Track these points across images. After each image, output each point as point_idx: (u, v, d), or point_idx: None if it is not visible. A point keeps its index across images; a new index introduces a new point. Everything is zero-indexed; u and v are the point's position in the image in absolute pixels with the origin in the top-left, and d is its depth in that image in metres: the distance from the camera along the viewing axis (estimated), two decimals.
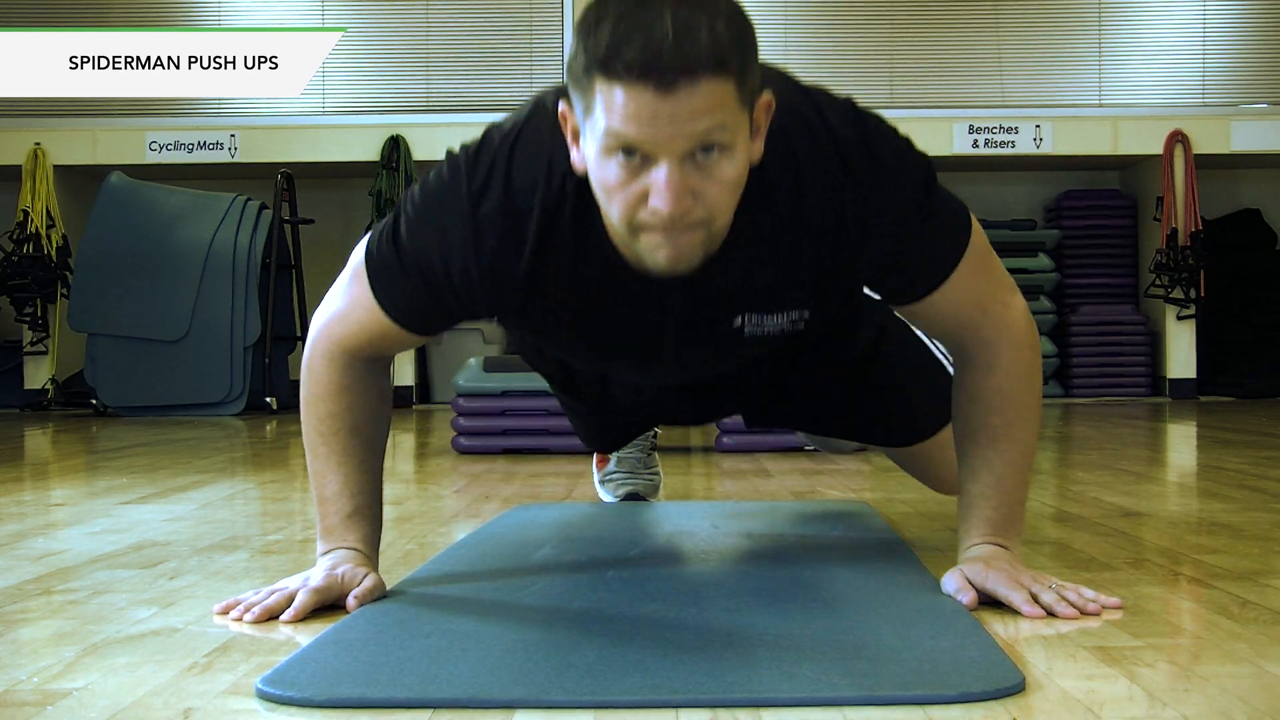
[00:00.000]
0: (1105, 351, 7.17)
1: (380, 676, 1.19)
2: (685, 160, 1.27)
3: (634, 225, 1.32)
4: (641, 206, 1.30)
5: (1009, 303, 1.56)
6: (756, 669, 1.20)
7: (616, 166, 1.29)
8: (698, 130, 1.25)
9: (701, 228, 1.32)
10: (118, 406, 6.17)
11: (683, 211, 1.29)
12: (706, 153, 1.28)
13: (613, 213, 1.34)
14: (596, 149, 1.30)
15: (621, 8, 1.26)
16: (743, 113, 1.30)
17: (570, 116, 1.35)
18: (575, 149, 1.36)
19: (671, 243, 1.32)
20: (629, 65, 1.23)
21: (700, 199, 1.30)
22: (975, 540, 1.56)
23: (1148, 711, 1.09)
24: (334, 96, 7.29)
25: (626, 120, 1.25)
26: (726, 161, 1.29)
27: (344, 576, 1.51)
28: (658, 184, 1.27)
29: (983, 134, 7.03)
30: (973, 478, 1.57)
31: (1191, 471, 3.52)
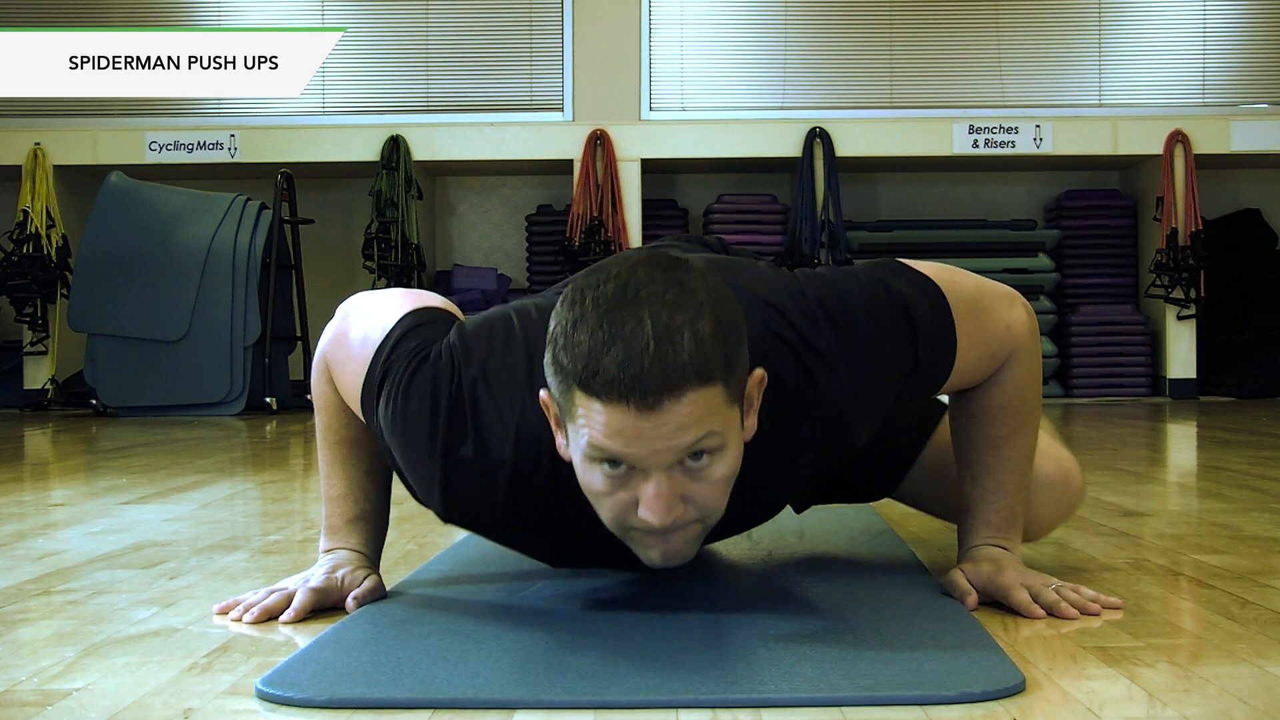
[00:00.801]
0: (1105, 351, 7.17)
1: (380, 676, 1.19)
2: (674, 468, 1.23)
3: (624, 528, 1.29)
4: (631, 513, 1.26)
5: (1010, 324, 1.52)
6: (756, 669, 1.20)
7: (601, 475, 1.24)
8: (684, 444, 1.20)
9: (696, 524, 1.29)
10: (118, 406, 6.17)
11: (673, 521, 1.25)
12: (696, 458, 1.23)
13: (601, 514, 1.29)
14: (580, 454, 1.25)
15: (599, 313, 1.19)
16: (733, 409, 1.24)
17: (552, 405, 1.28)
18: (559, 435, 1.30)
19: (665, 544, 1.29)
20: (608, 384, 1.17)
21: (692, 502, 1.26)
22: (976, 541, 1.56)
23: (1148, 711, 1.09)
24: (334, 96, 7.29)
25: (609, 437, 1.20)
26: (718, 463, 1.25)
27: (344, 578, 1.51)
28: (646, 496, 1.23)
29: (983, 134, 7.02)
30: (973, 482, 1.57)
31: (1191, 471, 3.52)
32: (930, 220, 7.36)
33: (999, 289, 1.54)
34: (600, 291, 1.21)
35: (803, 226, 7.02)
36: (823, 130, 7.03)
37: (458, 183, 7.77)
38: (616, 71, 7.19)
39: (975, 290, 1.50)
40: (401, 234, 6.92)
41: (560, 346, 1.22)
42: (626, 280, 1.21)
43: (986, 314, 1.50)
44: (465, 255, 7.71)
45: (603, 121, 7.07)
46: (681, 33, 7.31)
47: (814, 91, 7.28)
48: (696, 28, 7.32)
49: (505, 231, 7.71)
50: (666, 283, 1.21)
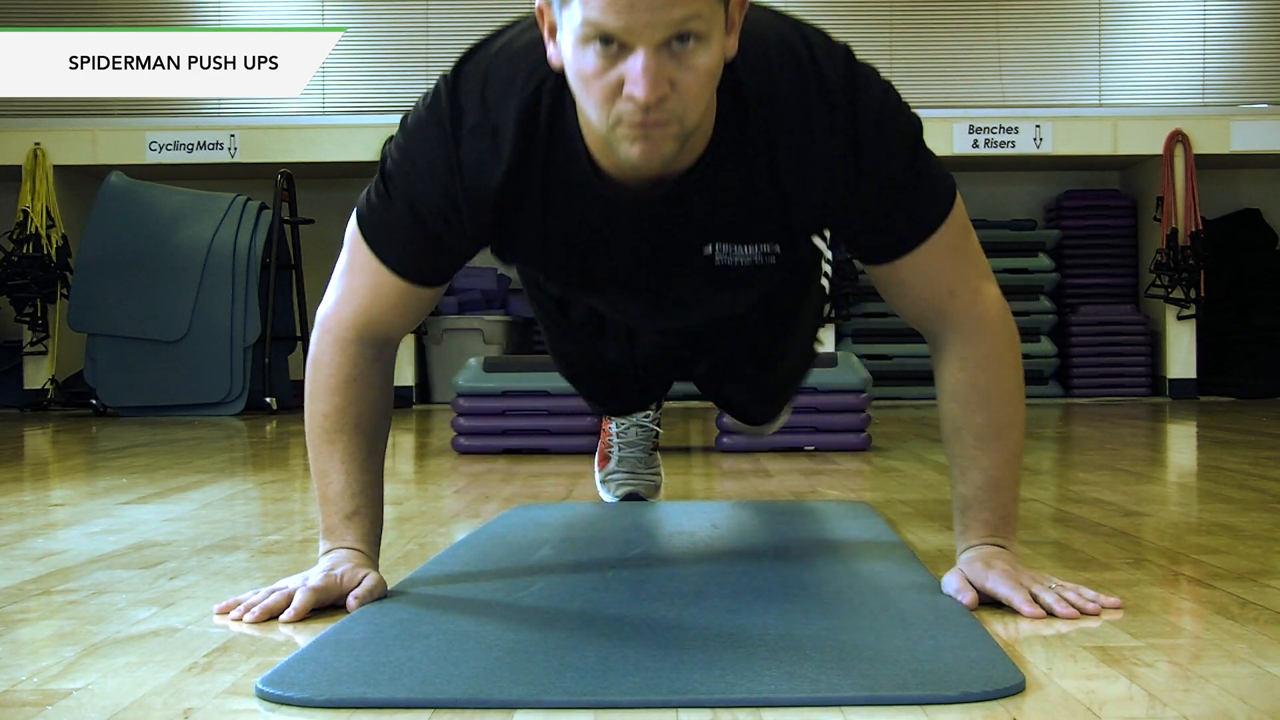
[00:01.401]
0: (1105, 351, 7.17)
1: (380, 676, 1.19)
2: (661, 48, 1.27)
3: (611, 116, 1.32)
4: (618, 96, 1.30)
5: (980, 290, 1.54)
6: (756, 669, 1.20)
7: (593, 55, 1.29)
8: (674, 18, 1.25)
9: (676, 120, 1.32)
10: (118, 406, 6.17)
11: (659, 98, 1.28)
12: (683, 42, 1.28)
13: (589, 104, 1.33)
14: (573, 39, 1.30)
15: None
16: (719, 3, 1.30)
17: (547, 11, 1.35)
18: (551, 44, 1.36)
19: (646, 136, 1.32)
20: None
21: (676, 89, 1.29)
22: (973, 541, 1.56)
23: (1148, 711, 1.09)
24: (334, 96, 7.29)
25: (604, 8, 1.25)
26: (702, 51, 1.29)
27: (344, 577, 1.51)
28: (634, 71, 1.27)
29: (983, 134, 7.03)
30: (963, 479, 1.57)
31: (1191, 471, 3.52)
32: None
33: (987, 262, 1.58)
34: None
35: None
36: None
37: None
38: None
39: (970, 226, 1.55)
40: None
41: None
42: None
43: (969, 253, 1.55)
44: None
45: None
46: None
47: None
48: None
49: None
50: None
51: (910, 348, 6.83)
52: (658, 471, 2.54)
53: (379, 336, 1.59)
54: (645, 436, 2.50)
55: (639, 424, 2.48)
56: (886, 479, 3.04)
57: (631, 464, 2.49)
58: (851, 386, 3.78)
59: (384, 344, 1.61)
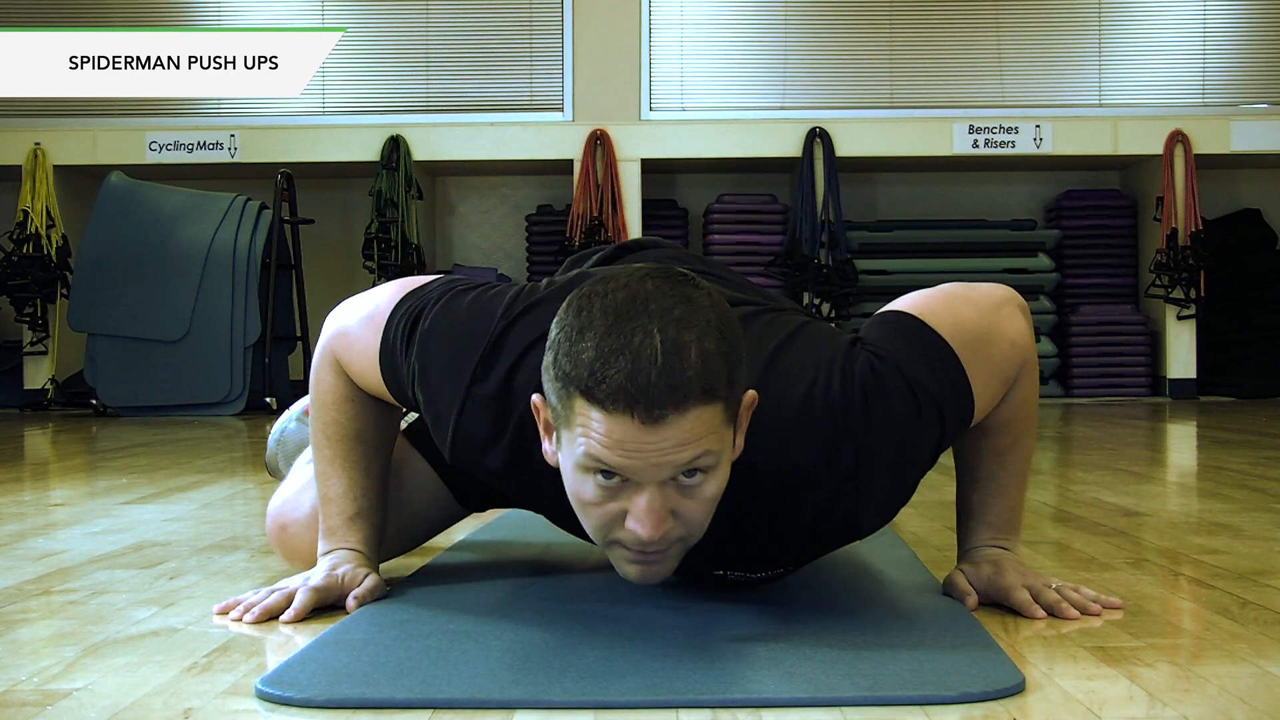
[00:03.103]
0: (1105, 351, 7.17)
1: (380, 676, 1.19)
2: (667, 483, 1.23)
3: (608, 540, 1.29)
4: (618, 525, 1.26)
5: (1014, 340, 1.48)
6: (756, 669, 1.20)
7: (594, 485, 1.24)
8: (682, 459, 1.20)
9: (679, 544, 1.29)
10: (118, 406, 6.17)
11: (662, 535, 1.24)
12: (690, 475, 1.23)
13: (586, 525, 1.29)
14: (572, 463, 1.24)
15: (606, 322, 1.19)
16: (728, 429, 1.24)
17: (543, 409, 1.29)
18: (547, 441, 1.30)
19: (646, 564, 1.29)
20: (613, 394, 1.17)
21: (680, 518, 1.26)
22: (976, 542, 1.56)
23: (1148, 711, 1.09)
24: (334, 96, 7.29)
25: (608, 448, 1.19)
26: (710, 481, 1.25)
27: (344, 577, 1.51)
28: (637, 509, 1.23)
29: (983, 134, 7.02)
30: (975, 486, 1.56)
31: (1191, 471, 3.52)
32: (930, 220, 7.36)
33: (993, 299, 1.49)
34: (608, 300, 1.21)
35: (803, 226, 7.02)
36: (823, 130, 7.03)
37: (458, 183, 7.77)
38: (616, 71, 7.19)
39: (977, 318, 1.45)
40: (401, 234, 6.92)
41: (563, 352, 1.21)
42: (635, 291, 1.21)
43: (993, 342, 1.45)
44: (465, 255, 7.71)
45: (603, 121, 7.07)
46: (681, 33, 7.31)
47: (814, 91, 7.28)
48: (696, 28, 7.32)
49: (505, 231, 7.71)
50: (675, 298, 1.21)
51: None
52: None
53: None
54: None
55: None
56: None
57: None
58: None
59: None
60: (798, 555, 1.48)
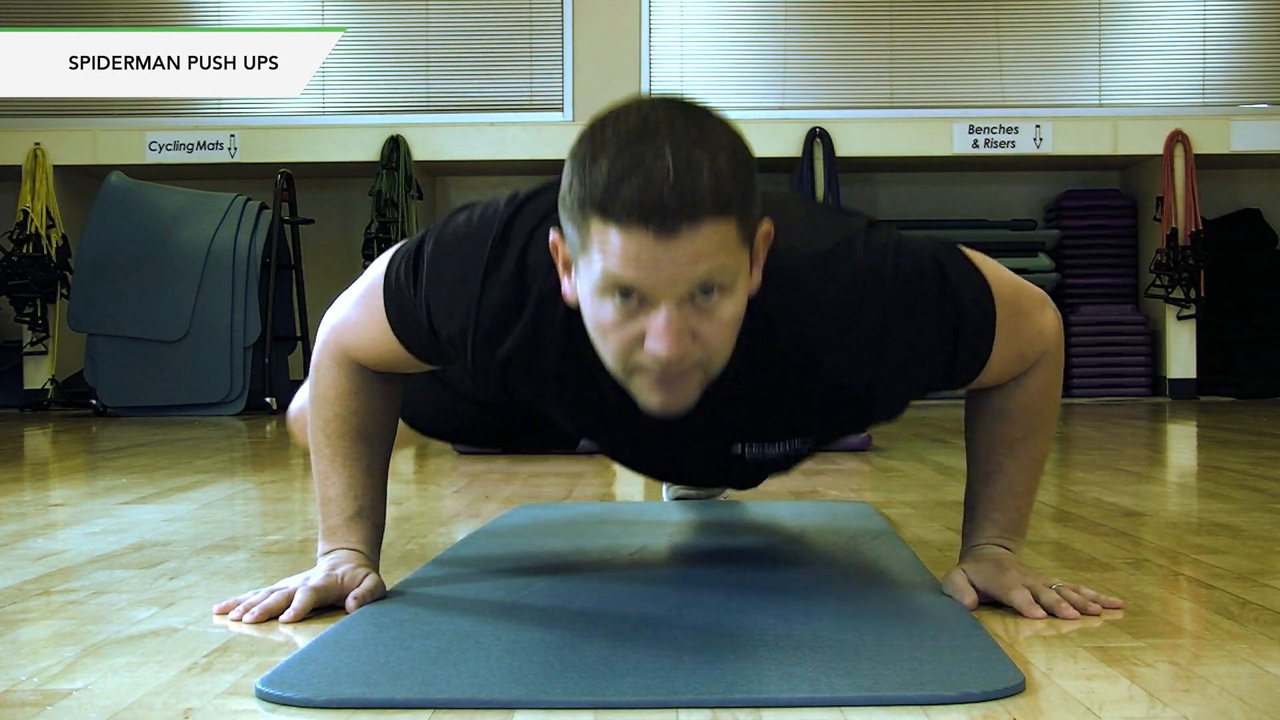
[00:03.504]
0: (1105, 351, 7.17)
1: (380, 676, 1.19)
2: (684, 302, 1.23)
3: (628, 367, 1.28)
4: (637, 349, 1.26)
5: (1043, 329, 1.51)
6: (756, 669, 1.20)
7: (612, 308, 1.25)
8: (698, 274, 1.21)
9: (698, 370, 1.28)
10: (118, 406, 6.17)
11: (681, 354, 1.24)
12: (706, 294, 1.23)
13: (606, 352, 1.29)
14: (591, 287, 1.25)
15: (619, 142, 1.21)
16: (744, 250, 1.25)
17: (561, 246, 1.30)
18: (566, 279, 1.32)
19: (667, 388, 1.29)
20: (628, 208, 1.18)
21: (699, 340, 1.26)
22: (979, 541, 1.56)
23: (1148, 711, 1.09)
24: (334, 96, 7.29)
25: (624, 263, 1.20)
26: (727, 301, 1.25)
27: (344, 577, 1.51)
28: (656, 327, 1.23)
29: (983, 134, 7.02)
30: (984, 481, 1.56)
31: (1191, 471, 3.52)
32: (930, 220, 7.36)
33: (1034, 292, 1.53)
34: (620, 125, 1.23)
35: None
36: (823, 130, 7.03)
37: (458, 183, 7.77)
38: (616, 71, 7.19)
39: (1015, 290, 1.49)
40: (401, 234, 6.92)
41: (576, 178, 1.23)
42: (646, 115, 1.23)
43: (1024, 316, 1.48)
44: None
45: None
46: (681, 33, 7.31)
47: (814, 91, 7.28)
48: (696, 28, 7.32)
49: None
50: (687, 121, 1.23)
51: None
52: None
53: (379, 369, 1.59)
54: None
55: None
56: (887, 479, 3.04)
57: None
58: None
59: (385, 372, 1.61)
60: (811, 427, 1.48)
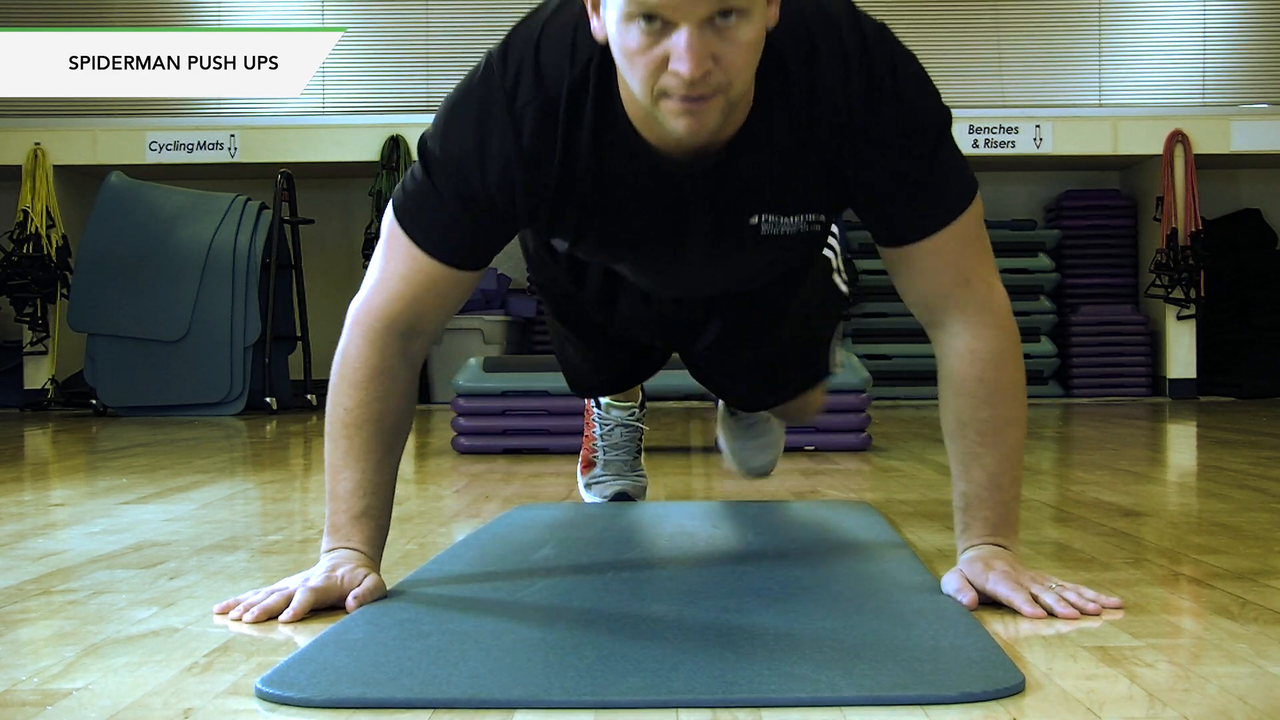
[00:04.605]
0: (1105, 351, 7.17)
1: (380, 676, 1.19)
2: (704, 25, 1.29)
3: (655, 92, 1.34)
4: (662, 72, 1.32)
5: (992, 284, 1.57)
6: (756, 669, 1.20)
7: (637, 33, 1.31)
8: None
9: (720, 94, 1.34)
10: (118, 406, 6.17)
11: (703, 74, 1.31)
12: (725, 17, 1.30)
13: (634, 80, 1.35)
14: (617, 15, 1.32)
15: None
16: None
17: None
18: (595, 17, 1.39)
19: (690, 110, 1.34)
20: None
21: (719, 62, 1.32)
22: (974, 540, 1.56)
23: (1148, 711, 1.09)
24: (334, 96, 7.30)
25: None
26: (745, 25, 1.31)
27: (344, 577, 1.51)
28: (678, 48, 1.30)
29: (983, 134, 7.03)
30: (965, 475, 1.56)
31: (1191, 471, 3.52)
32: None
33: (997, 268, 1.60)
34: None
35: None
36: None
37: None
38: None
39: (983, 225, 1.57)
40: None
41: None
42: None
43: (983, 248, 1.57)
44: None
45: None
46: None
47: None
48: None
49: None
50: None
51: (910, 348, 6.82)
52: (643, 474, 2.52)
53: (411, 326, 1.58)
54: (630, 438, 2.47)
55: (624, 423, 2.46)
56: (886, 479, 3.04)
57: (617, 467, 2.47)
58: (851, 386, 3.78)
59: (415, 335, 1.59)
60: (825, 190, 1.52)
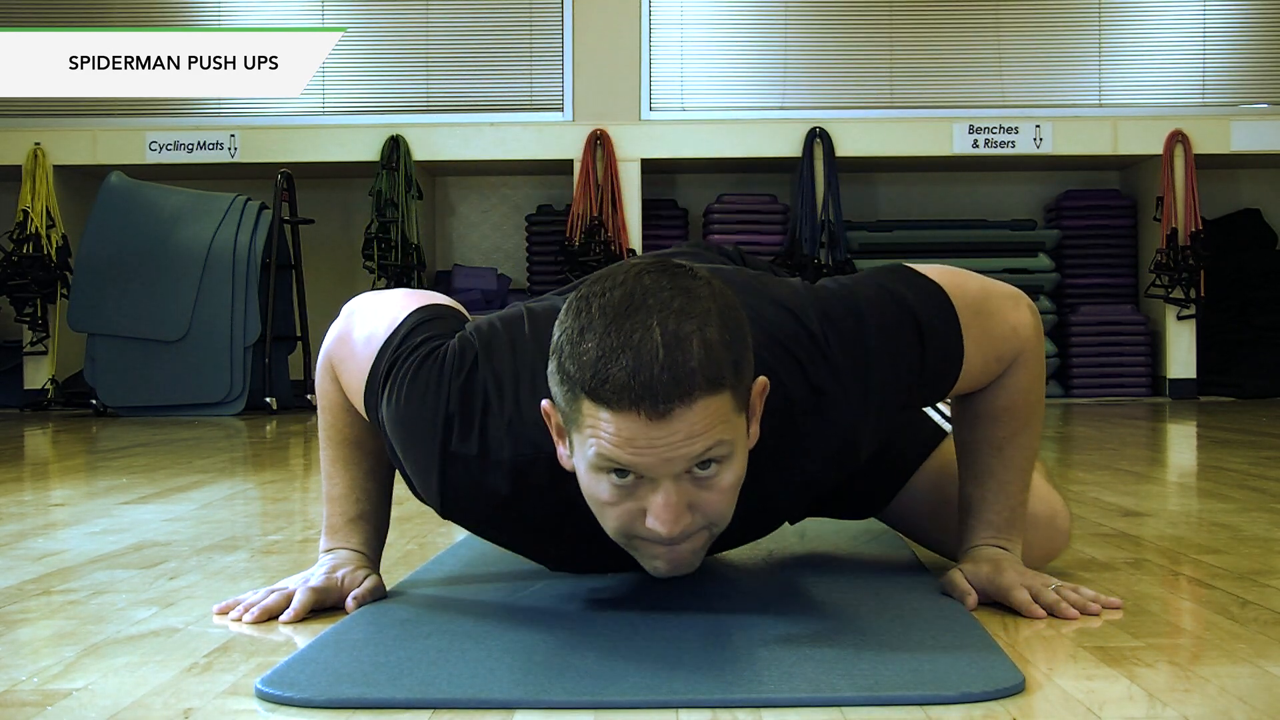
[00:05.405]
0: (1105, 351, 7.17)
1: (380, 677, 1.19)
2: (682, 476, 1.22)
3: (630, 537, 1.28)
4: (638, 522, 1.25)
5: (1016, 327, 1.51)
6: (756, 669, 1.20)
7: (609, 485, 1.23)
8: (695, 452, 1.20)
9: (703, 533, 1.29)
10: (118, 406, 6.17)
11: (683, 530, 1.24)
12: (705, 467, 1.22)
13: (605, 525, 1.28)
14: (586, 464, 1.23)
15: (605, 320, 1.18)
16: (740, 417, 1.24)
17: (554, 415, 1.27)
18: (561, 445, 1.29)
19: (672, 554, 1.28)
20: (618, 392, 1.16)
21: (700, 510, 1.25)
22: (976, 541, 1.56)
23: (1148, 711, 1.09)
24: (334, 96, 7.29)
25: (619, 446, 1.19)
26: (726, 471, 1.24)
27: (343, 578, 1.51)
28: (655, 506, 1.22)
29: (983, 134, 7.02)
30: (975, 482, 1.56)
31: (1191, 471, 3.52)
32: (930, 220, 7.36)
33: (1005, 290, 1.53)
34: (606, 299, 1.20)
35: (802, 226, 7.02)
36: (823, 130, 7.03)
37: (458, 183, 7.77)
38: (616, 71, 7.19)
39: (982, 292, 1.49)
40: (401, 234, 6.92)
41: (566, 355, 1.20)
42: (632, 288, 1.20)
43: (992, 317, 1.49)
44: (465, 255, 7.71)
45: (603, 121, 7.07)
46: (681, 33, 7.30)
47: (814, 91, 7.28)
48: (696, 28, 7.32)
49: (505, 231, 7.71)
50: (673, 290, 1.20)
51: None
52: None
53: None
54: None
55: None
56: None
57: None
58: None
59: None
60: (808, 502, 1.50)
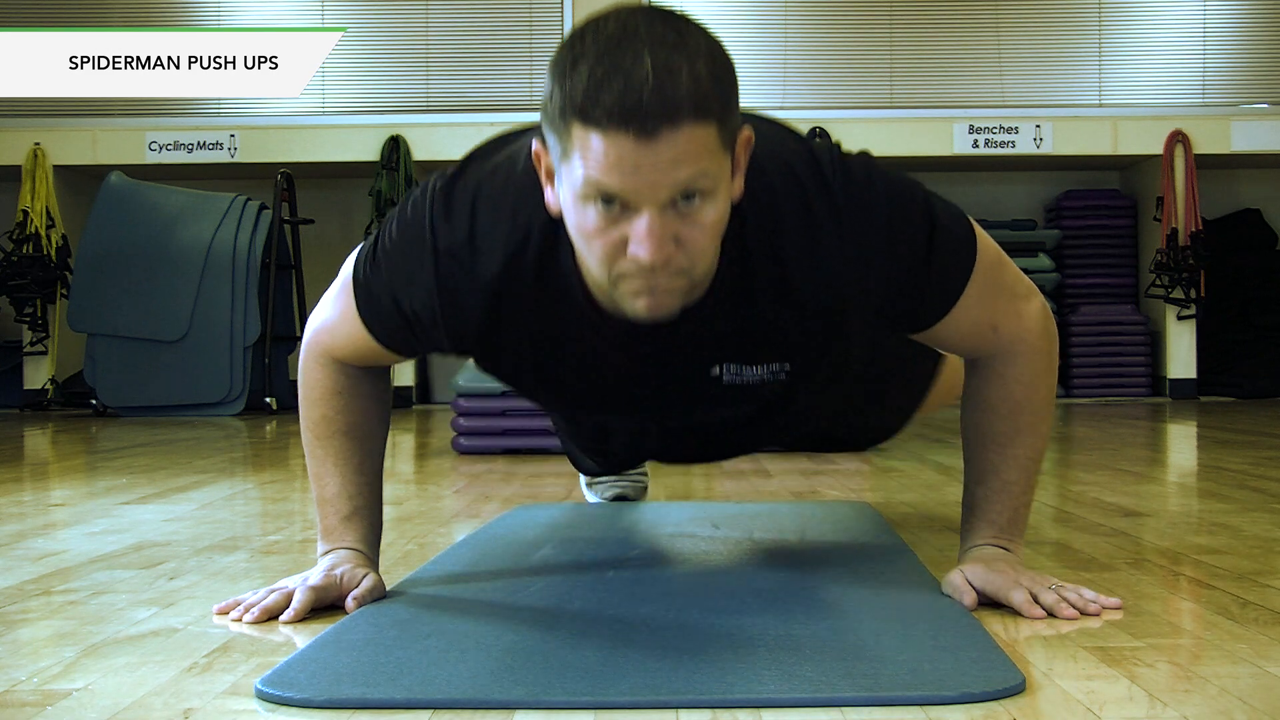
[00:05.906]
0: (1105, 351, 7.17)
1: (380, 677, 1.19)
2: (666, 207, 1.23)
3: (613, 272, 1.29)
4: (621, 254, 1.26)
5: (1022, 312, 1.52)
6: (756, 669, 1.20)
7: (595, 214, 1.25)
8: (680, 179, 1.21)
9: (683, 275, 1.29)
10: (118, 406, 6.17)
11: (665, 259, 1.25)
12: (688, 200, 1.24)
13: (591, 259, 1.30)
14: (573, 194, 1.25)
15: (598, 49, 1.21)
16: (725, 155, 1.26)
17: (545, 156, 1.31)
18: (549, 189, 1.32)
19: (652, 291, 1.29)
20: (608, 112, 1.19)
21: (682, 245, 1.26)
22: (977, 541, 1.56)
23: (1148, 711, 1.09)
24: (334, 96, 7.29)
25: (606, 169, 1.21)
26: (709, 206, 1.25)
27: (343, 577, 1.51)
28: (638, 232, 1.24)
29: (983, 134, 7.02)
30: (979, 480, 1.56)
31: (1191, 471, 3.52)
32: None
33: (1024, 279, 1.55)
34: (600, 32, 1.24)
35: None
36: (823, 130, 7.02)
37: None
38: None
39: (1000, 259, 1.51)
40: None
41: (557, 85, 1.24)
42: (626, 22, 1.24)
43: (1003, 286, 1.51)
44: None
45: None
46: None
47: (814, 91, 7.28)
48: None
49: None
50: (665, 27, 1.24)
51: None
52: (644, 473, 2.52)
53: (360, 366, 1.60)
54: None
55: None
56: (886, 479, 3.04)
57: None
58: None
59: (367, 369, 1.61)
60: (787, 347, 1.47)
